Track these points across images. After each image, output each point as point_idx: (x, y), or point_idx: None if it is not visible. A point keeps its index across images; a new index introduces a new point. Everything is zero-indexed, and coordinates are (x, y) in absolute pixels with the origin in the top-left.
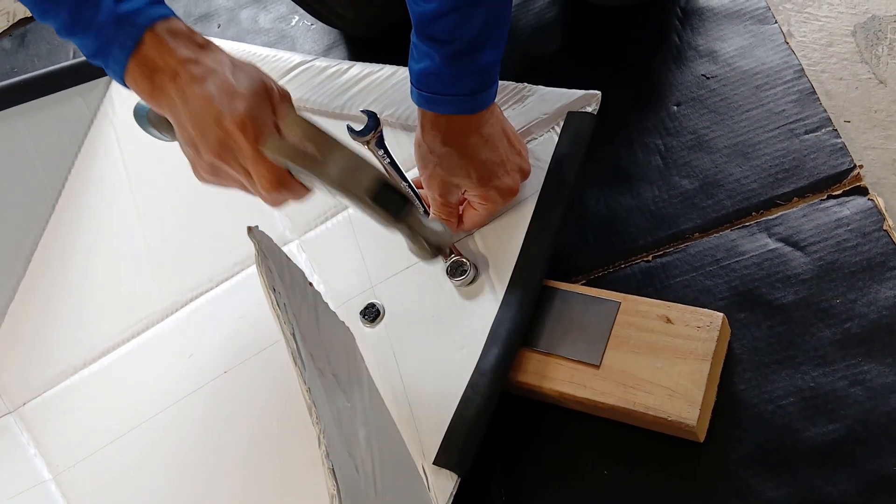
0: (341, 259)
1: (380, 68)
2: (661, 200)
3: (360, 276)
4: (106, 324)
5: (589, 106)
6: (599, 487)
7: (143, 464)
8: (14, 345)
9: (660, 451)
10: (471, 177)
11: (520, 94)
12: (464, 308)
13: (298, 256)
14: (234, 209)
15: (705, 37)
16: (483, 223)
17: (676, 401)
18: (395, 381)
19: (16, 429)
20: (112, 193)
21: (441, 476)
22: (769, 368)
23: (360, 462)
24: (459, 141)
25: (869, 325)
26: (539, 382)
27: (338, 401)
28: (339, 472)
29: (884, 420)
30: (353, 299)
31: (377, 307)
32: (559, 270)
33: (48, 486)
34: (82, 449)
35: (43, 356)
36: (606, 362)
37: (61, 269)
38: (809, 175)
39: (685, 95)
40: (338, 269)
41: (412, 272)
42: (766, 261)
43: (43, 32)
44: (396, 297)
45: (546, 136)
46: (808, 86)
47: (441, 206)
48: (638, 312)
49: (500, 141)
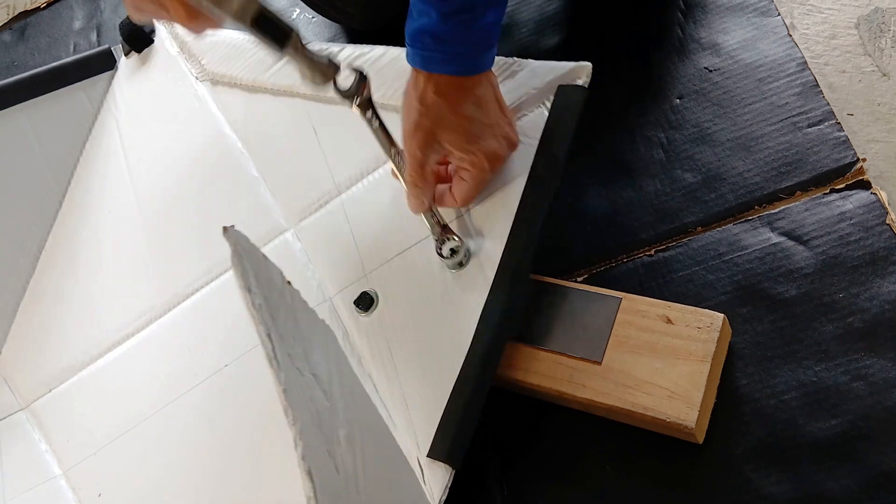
0: (336, 247)
1: (370, 49)
2: (663, 194)
3: (355, 264)
4: (111, 319)
5: (580, 79)
6: (600, 486)
7: (149, 457)
8: (26, 341)
9: (661, 446)
10: (457, 132)
11: (510, 69)
12: (454, 295)
13: (294, 245)
14: (231, 200)
15: (708, 29)
16: (472, 195)
17: (675, 402)
18: (391, 372)
19: (28, 425)
20: (115, 188)
21: (436, 469)
22: (771, 363)
23: (340, 461)
24: (450, 98)
25: (871, 319)
26: (538, 381)
27: (317, 401)
28: (317, 474)
29: (886, 415)
30: (347, 288)
31: (371, 296)
32: (560, 265)
33: (59, 482)
34: (91, 444)
35: (53, 352)
36: (606, 362)
37: (69, 265)
38: (812, 169)
39: (688, 88)
40: (332, 257)
41: (405, 258)
42: (769, 255)
43: (43, 26)
44: (390, 285)
45: (537, 111)
46: (810, 79)
47: (416, 167)
48: (638, 312)
49: (492, 105)
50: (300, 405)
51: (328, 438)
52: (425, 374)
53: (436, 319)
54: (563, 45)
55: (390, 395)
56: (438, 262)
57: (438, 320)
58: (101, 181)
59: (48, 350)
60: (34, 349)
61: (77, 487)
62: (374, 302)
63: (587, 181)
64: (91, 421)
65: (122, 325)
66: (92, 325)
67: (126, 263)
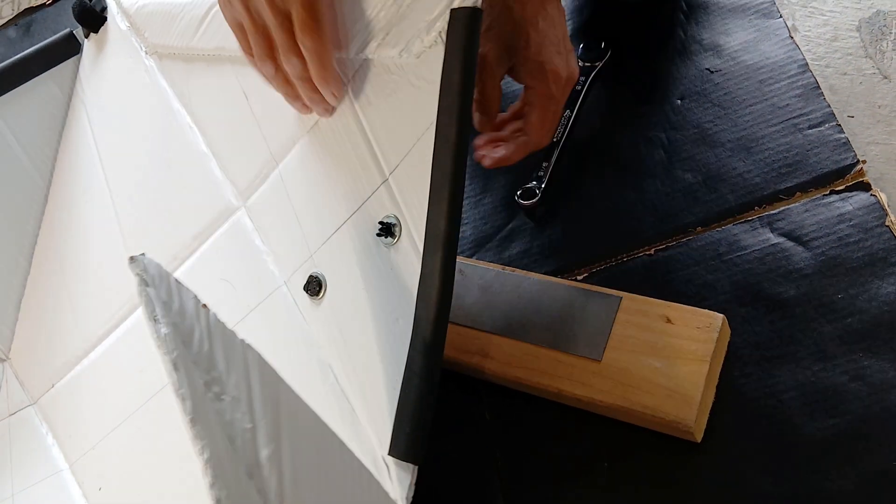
0: (282, 224)
1: None
2: (663, 194)
3: (300, 244)
4: (100, 310)
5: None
6: (597, 484)
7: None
8: (32, 337)
9: (659, 445)
10: (528, 46)
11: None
12: (392, 274)
13: (247, 226)
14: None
15: (710, 31)
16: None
17: (674, 401)
18: (347, 362)
19: (36, 420)
20: (90, 178)
21: (403, 465)
22: (770, 363)
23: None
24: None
25: (870, 320)
26: (538, 379)
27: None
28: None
29: (885, 415)
30: (298, 271)
31: (318, 279)
32: (560, 263)
33: (64, 475)
34: (91, 437)
35: (54, 347)
36: (606, 361)
37: (62, 258)
38: (812, 170)
39: (689, 89)
40: (279, 236)
41: (342, 234)
42: (769, 255)
43: (48, 21)
44: (334, 266)
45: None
46: (812, 80)
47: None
48: (638, 311)
49: (560, 23)
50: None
51: (248, 462)
52: (378, 363)
53: (380, 302)
54: None
55: (350, 387)
56: (374, 238)
57: (382, 303)
58: (79, 172)
59: (51, 345)
60: (39, 344)
61: (82, 481)
62: (321, 286)
63: (588, 180)
64: (89, 414)
65: (109, 316)
66: (85, 317)
67: (108, 253)
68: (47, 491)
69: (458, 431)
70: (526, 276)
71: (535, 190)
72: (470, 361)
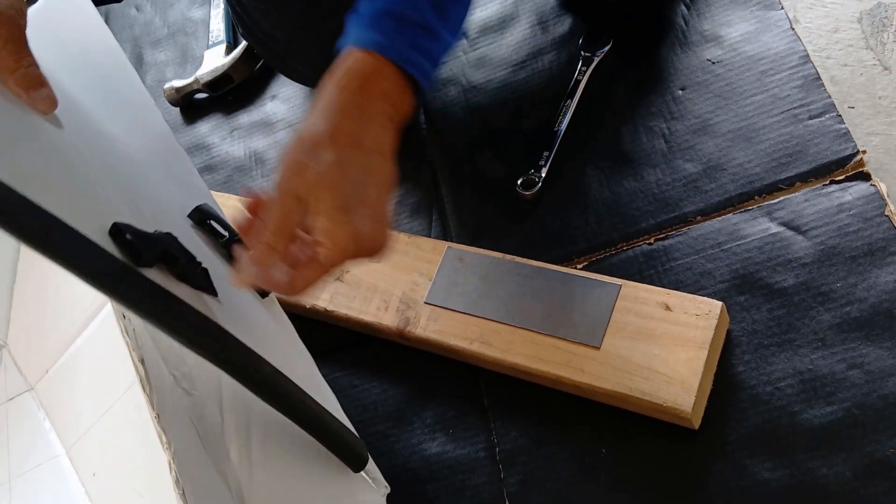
0: None
1: None
2: (664, 184)
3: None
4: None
5: None
6: (596, 469)
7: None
8: (26, 323)
9: (657, 431)
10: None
11: None
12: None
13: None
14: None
15: (711, 22)
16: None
17: (673, 388)
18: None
19: (33, 405)
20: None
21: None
22: (768, 351)
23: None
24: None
25: (869, 309)
26: (537, 365)
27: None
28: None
29: (881, 403)
30: None
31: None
32: (560, 251)
33: (61, 460)
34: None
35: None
36: (605, 347)
37: None
38: (812, 160)
39: (690, 80)
40: None
41: None
42: (768, 245)
43: None
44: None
45: None
46: (812, 71)
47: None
48: (637, 299)
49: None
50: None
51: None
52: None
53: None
54: (566, 37)
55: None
56: None
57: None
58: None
59: (44, 330)
60: (33, 330)
61: (78, 467)
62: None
63: (589, 169)
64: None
65: (93, 299)
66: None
67: None
68: (43, 476)
69: (457, 418)
70: (525, 263)
71: (536, 179)
72: (469, 348)
